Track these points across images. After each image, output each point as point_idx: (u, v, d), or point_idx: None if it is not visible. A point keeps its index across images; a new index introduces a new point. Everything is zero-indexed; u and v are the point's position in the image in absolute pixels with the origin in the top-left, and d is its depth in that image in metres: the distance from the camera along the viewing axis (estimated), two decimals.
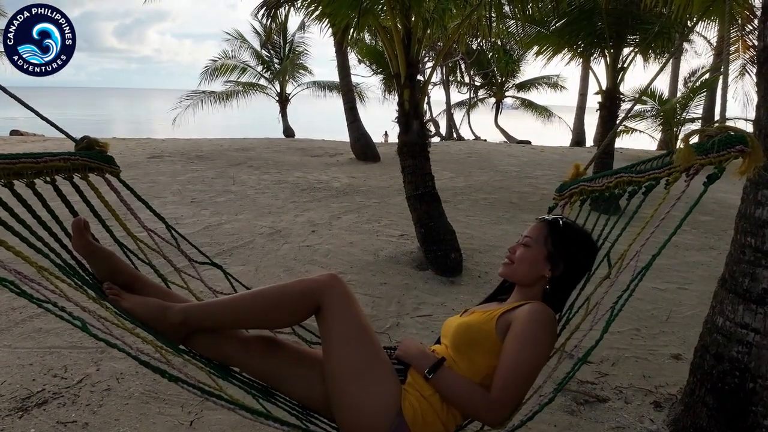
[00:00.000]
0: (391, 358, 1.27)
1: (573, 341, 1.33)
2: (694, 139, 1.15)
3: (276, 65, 16.23)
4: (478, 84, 18.83)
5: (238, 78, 15.83)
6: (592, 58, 7.06)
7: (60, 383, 2.31)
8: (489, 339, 1.21)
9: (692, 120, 11.79)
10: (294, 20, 16.50)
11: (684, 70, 14.59)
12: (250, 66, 15.99)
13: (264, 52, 16.23)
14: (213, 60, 15.54)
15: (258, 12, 6.24)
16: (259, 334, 1.33)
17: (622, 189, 1.41)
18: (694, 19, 4.08)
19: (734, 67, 10.62)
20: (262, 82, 16.20)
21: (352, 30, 4.31)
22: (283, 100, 16.21)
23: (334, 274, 1.26)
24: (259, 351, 1.28)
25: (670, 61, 14.30)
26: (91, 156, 1.39)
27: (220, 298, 1.39)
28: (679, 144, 1.15)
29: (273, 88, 16.24)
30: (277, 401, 1.27)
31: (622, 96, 6.63)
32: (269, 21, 5.08)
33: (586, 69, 12.70)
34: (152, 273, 1.56)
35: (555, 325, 1.25)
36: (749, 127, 1.95)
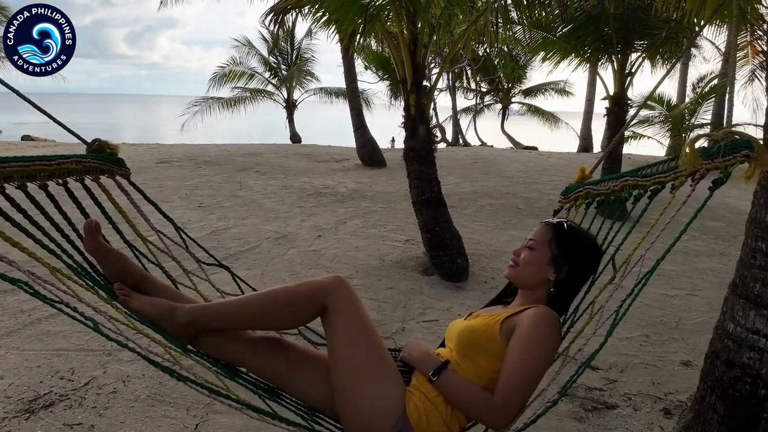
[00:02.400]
0: (396, 360, 1.28)
1: (577, 345, 1.32)
2: (701, 143, 1.14)
3: (283, 72, 16.36)
4: (485, 90, 18.85)
5: (245, 84, 15.97)
6: (599, 64, 7.04)
7: (67, 385, 2.33)
8: (493, 342, 1.22)
9: (701, 125, 11.70)
10: (301, 27, 16.63)
11: (692, 76, 14.49)
12: (257, 72, 16.13)
13: (271, 59, 16.37)
14: (221, 66, 15.71)
15: (266, 18, 6.31)
16: (266, 335, 1.35)
17: (628, 193, 1.39)
18: (702, 22, 4.05)
19: (743, 73, 10.58)
20: (270, 88, 16.33)
21: (358, 36, 4.34)
22: (290, 106, 16.31)
23: (340, 276, 1.28)
24: (266, 351, 1.29)
25: (678, 66, 14.24)
26: (102, 158, 1.40)
27: (227, 299, 1.39)
28: (685, 148, 1.13)
29: (280, 94, 16.36)
30: (283, 401, 1.29)
31: (629, 101, 6.60)
32: (277, 27, 5.13)
33: (594, 74, 12.67)
34: (162, 275, 1.57)
35: (559, 329, 1.25)
36: (759, 134, 1.94)
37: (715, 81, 11.67)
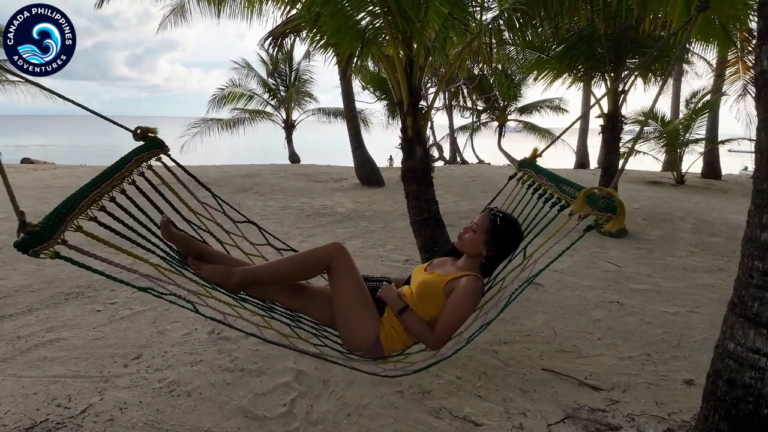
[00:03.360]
0: (375, 292, 1.88)
1: (487, 307, 1.88)
2: (595, 191, 1.73)
3: (282, 93, 16.54)
4: (481, 108, 19.04)
5: (245, 105, 16.13)
6: (592, 82, 7.14)
7: (63, 413, 2.30)
8: (438, 296, 1.84)
9: (695, 141, 11.81)
10: (300, 49, 16.88)
11: (685, 92, 14.67)
12: (256, 94, 16.31)
13: (270, 80, 16.58)
14: (221, 88, 15.87)
15: (265, 42, 6.42)
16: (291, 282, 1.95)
17: (551, 194, 1.95)
18: (692, 41, 4.14)
19: (735, 88, 10.74)
20: (269, 109, 16.49)
21: (355, 59, 4.41)
22: (289, 126, 16.46)
23: (340, 243, 1.87)
24: (291, 291, 1.94)
25: (671, 83, 14.44)
26: (149, 147, 1.75)
27: (262, 264, 1.96)
28: (581, 194, 1.68)
29: (279, 114, 16.52)
30: (302, 323, 1.94)
31: (623, 119, 6.67)
32: (276, 50, 5.22)
33: (588, 92, 12.84)
34: (213, 241, 2.04)
35: (480, 295, 1.85)
36: (753, 146, 1.97)
37: (708, 97, 11.78)
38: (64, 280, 4.05)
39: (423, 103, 4.23)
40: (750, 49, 8.18)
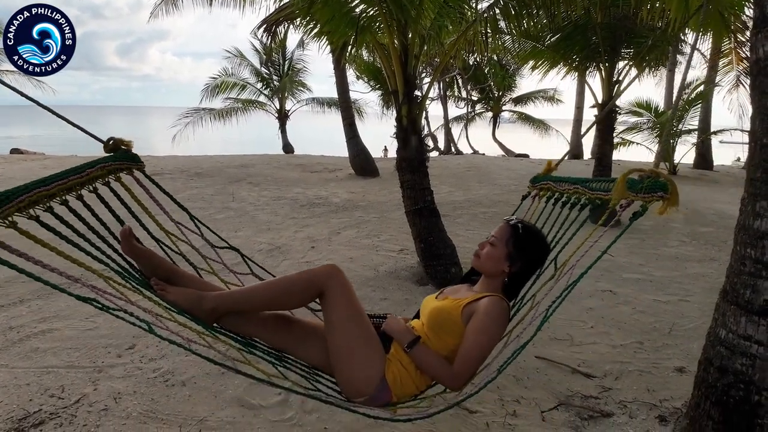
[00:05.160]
0: (379, 329, 1.58)
1: (518, 329, 1.58)
2: (634, 176, 1.38)
3: (275, 82, 16.40)
4: (476, 98, 19.01)
5: (237, 95, 15.98)
6: (587, 72, 7.13)
7: (57, 403, 2.29)
8: (455, 324, 1.53)
9: (688, 131, 11.86)
10: (293, 38, 16.72)
11: (678, 82, 14.69)
12: (249, 83, 16.15)
13: (263, 70, 16.43)
14: (213, 77, 15.70)
15: (258, 30, 6.35)
16: (275, 313, 1.64)
17: (578, 198, 1.69)
18: (688, 31, 4.14)
19: (728, 79, 10.77)
20: (262, 98, 16.35)
21: (350, 47, 4.37)
22: (283, 116, 16.34)
23: (335, 265, 1.54)
24: (276, 326, 1.61)
25: (665, 73, 14.46)
26: (120, 158, 1.59)
27: (242, 287, 1.66)
28: (619, 179, 1.38)
29: (272, 104, 16.38)
30: (288, 364, 1.59)
31: (618, 109, 6.68)
32: (269, 39, 5.15)
33: (582, 83, 12.83)
34: (185, 264, 1.79)
35: (506, 318, 1.54)
36: (745, 137, 1.98)
37: (701, 87, 11.82)
38: None
39: (417, 93, 4.20)
40: (744, 39, 8.20)
